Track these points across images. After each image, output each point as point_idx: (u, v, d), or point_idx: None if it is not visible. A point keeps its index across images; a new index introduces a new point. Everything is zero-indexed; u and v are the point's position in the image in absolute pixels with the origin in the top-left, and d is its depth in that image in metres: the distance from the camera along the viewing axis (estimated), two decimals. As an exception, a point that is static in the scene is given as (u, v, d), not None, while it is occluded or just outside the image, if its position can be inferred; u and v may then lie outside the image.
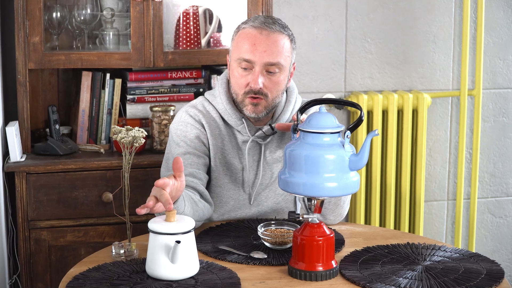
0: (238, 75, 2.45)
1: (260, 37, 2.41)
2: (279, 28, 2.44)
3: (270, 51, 2.40)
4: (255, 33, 2.42)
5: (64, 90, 3.22)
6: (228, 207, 2.53)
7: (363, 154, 2.01)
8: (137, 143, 2.17)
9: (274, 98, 2.47)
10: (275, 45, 2.41)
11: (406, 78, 3.62)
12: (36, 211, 2.88)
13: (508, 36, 3.69)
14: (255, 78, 2.42)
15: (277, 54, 2.41)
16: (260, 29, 2.42)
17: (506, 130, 3.76)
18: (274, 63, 2.41)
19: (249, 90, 2.44)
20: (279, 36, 2.43)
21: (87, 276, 2.04)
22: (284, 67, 2.45)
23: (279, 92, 2.47)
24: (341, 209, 2.46)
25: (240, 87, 2.46)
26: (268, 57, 2.40)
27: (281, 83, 2.46)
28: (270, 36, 2.42)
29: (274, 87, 2.44)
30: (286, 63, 2.45)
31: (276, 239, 2.23)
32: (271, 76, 2.43)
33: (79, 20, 3.07)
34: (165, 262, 1.99)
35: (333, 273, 2.07)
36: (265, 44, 2.40)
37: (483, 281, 2.03)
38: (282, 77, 2.46)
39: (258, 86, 2.42)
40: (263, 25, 2.43)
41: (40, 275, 2.91)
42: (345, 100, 2.20)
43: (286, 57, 2.44)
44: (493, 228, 3.83)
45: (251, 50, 2.41)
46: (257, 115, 2.47)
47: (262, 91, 2.43)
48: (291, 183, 2.04)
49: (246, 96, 2.45)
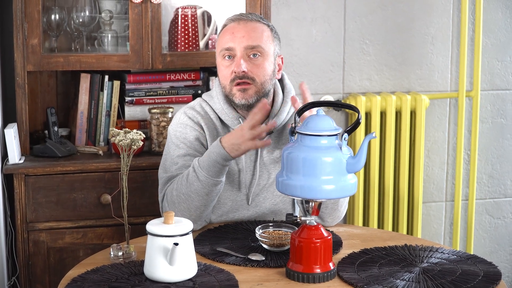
0: (223, 67, 2.50)
1: (238, 26, 2.49)
2: (256, 18, 2.51)
3: (248, 36, 2.46)
4: (234, 24, 2.50)
5: (62, 92, 3.22)
6: (226, 208, 2.54)
7: (361, 156, 2.02)
8: (135, 145, 2.18)
9: (262, 82, 2.48)
10: (254, 30, 2.48)
11: (404, 80, 3.62)
12: (35, 213, 2.88)
13: (506, 37, 3.69)
14: (237, 62, 2.46)
15: (255, 38, 2.47)
16: (238, 20, 2.50)
17: (504, 132, 3.76)
18: (254, 45, 2.46)
19: (234, 77, 2.47)
20: (257, 24, 2.50)
21: (85, 279, 2.04)
22: (266, 52, 2.48)
23: (266, 77, 2.49)
24: (338, 212, 2.47)
25: (226, 77, 2.49)
26: (247, 40, 2.46)
27: (266, 68, 2.48)
28: (248, 23, 2.49)
29: (259, 70, 2.47)
30: (268, 48, 2.49)
31: (274, 241, 2.23)
32: (253, 60, 2.47)
33: (77, 22, 3.07)
34: (163, 264, 2.00)
35: (331, 275, 2.07)
36: (244, 31, 2.47)
37: (480, 283, 2.03)
38: (267, 63, 2.48)
39: (241, 69, 2.45)
40: (240, 16, 2.52)
41: (38, 277, 2.91)
42: (342, 102, 2.21)
43: (267, 43, 2.48)
44: (491, 229, 3.84)
45: (231, 38, 2.47)
46: (247, 101, 2.48)
47: (247, 75, 2.46)
48: (289, 185, 2.04)
49: (233, 84, 2.48)
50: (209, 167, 2.35)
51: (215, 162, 2.35)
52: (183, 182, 2.39)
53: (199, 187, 2.37)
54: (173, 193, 2.40)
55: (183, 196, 2.38)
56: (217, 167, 2.36)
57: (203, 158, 2.37)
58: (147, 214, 2.91)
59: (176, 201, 2.39)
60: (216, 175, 2.37)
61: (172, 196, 2.40)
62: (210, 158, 2.35)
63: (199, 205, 2.39)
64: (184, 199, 2.38)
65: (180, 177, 2.41)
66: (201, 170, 2.36)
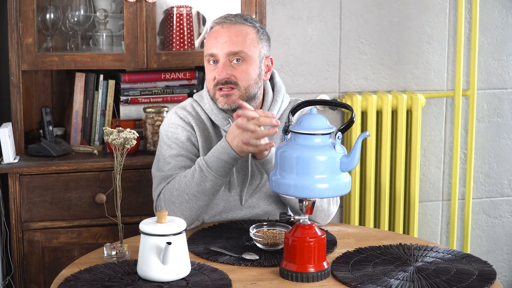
0: (208, 71, 2.50)
1: (221, 30, 2.47)
2: (241, 20, 2.49)
3: (231, 41, 2.45)
4: (217, 28, 2.49)
5: (57, 92, 3.22)
6: (218, 209, 2.53)
7: (354, 155, 2.01)
8: (128, 144, 2.17)
9: (246, 87, 2.47)
10: (236, 35, 2.46)
11: (401, 79, 3.61)
12: (29, 212, 2.88)
13: (502, 36, 3.68)
14: (219, 69, 2.46)
15: (237, 43, 2.45)
16: (222, 24, 2.49)
17: (500, 131, 3.76)
18: (236, 51, 2.45)
19: (216, 82, 2.47)
20: (240, 27, 2.47)
21: (78, 278, 2.04)
22: (250, 57, 2.47)
23: (250, 82, 2.48)
24: (322, 212, 2.45)
25: (210, 82, 2.50)
26: (229, 46, 2.44)
27: (250, 72, 2.47)
28: (231, 27, 2.47)
29: (242, 75, 2.46)
30: (252, 53, 2.47)
31: (268, 240, 2.23)
32: (236, 65, 2.46)
33: (72, 21, 3.06)
34: (156, 263, 1.99)
35: (325, 274, 2.07)
36: (226, 36, 2.46)
37: (475, 282, 2.03)
38: (251, 68, 2.47)
39: (222, 77, 2.45)
40: (224, 19, 2.50)
41: (33, 276, 2.91)
42: (336, 101, 2.20)
43: (250, 47, 2.47)
44: (488, 228, 3.83)
45: (214, 44, 2.47)
46: (230, 106, 2.48)
47: (230, 80, 2.46)
48: (282, 184, 2.04)
49: (216, 89, 2.48)
50: (219, 168, 2.35)
51: (225, 163, 2.35)
52: (187, 182, 2.37)
53: (207, 187, 2.36)
54: (174, 193, 2.39)
55: (187, 196, 2.37)
56: (227, 167, 2.36)
57: (211, 158, 2.36)
58: (142, 214, 2.90)
59: (177, 200, 2.38)
60: (225, 175, 2.38)
61: (172, 196, 2.39)
62: (219, 159, 2.35)
63: (202, 205, 2.39)
64: (188, 199, 2.37)
65: (180, 177, 2.40)
66: (210, 170, 2.35)
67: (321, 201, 2.42)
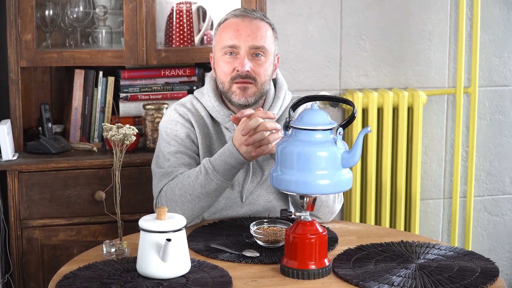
0: (224, 62, 2.45)
1: (243, 23, 2.45)
2: (260, 16, 2.48)
3: (254, 35, 2.43)
4: (238, 21, 2.46)
5: (56, 88, 3.20)
6: (219, 206, 2.51)
7: (356, 151, 2.00)
8: (127, 140, 2.16)
9: (263, 83, 2.46)
10: (259, 30, 2.44)
11: (402, 76, 3.60)
12: (28, 210, 2.86)
13: (504, 33, 3.67)
14: (242, 61, 2.43)
15: (261, 38, 2.44)
16: (242, 17, 2.46)
17: (502, 128, 3.74)
18: (259, 46, 2.43)
19: (236, 75, 2.44)
20: (261, 23, 2.46)
21: (77, 275, 2.02)
22: (269, 52, 2.46)
23: (267, 78, 2.47)
24: (327, 207, 2.43)
25: (226, 74, 2.45)
26: (253, 40, 2.42)
27: (267, 68, 2.46)
28: (252, 22, 2.45)
29: (261, 70, 2.45)
30: (270, 49, 2.47)
31: (269, 237, 2.21)
32: (257, 60, 2.44)
33: (71, 18, 3.05)
34: (156, 260, 1.98)
35: (326, 272, 2.05)
36: (249, 29, 2.43)
37: (478, 279, 2.01)
38: (268, 63, 2.46)
39: (245, 69, 2.42)
40: (244, 13, 2.47)
41: (32, 274, 2.89)
42: (337, 96, 2.19)
43: (270, 43, 2.46)
44: (490, 226, 3.82)
45: (236, 35, 2.43)
46: (246, 100, 2.45)
47: (250, 74, 2.43)
48: (283, 180, 2.02)
49: (233, 82, 2.45)
50: (225, 171, 2.33)
51: (231, 167, 2.33)
52: (191, 183, 2.35)
53: (211, 190, 2.35)
54: (176, 192, 2.37)
55: (190, 197, 2.35)
56: (234, 171, 2.34)
57: (217, 162, 2.33)
58: (141, 211, 2.88)
59: (179, 200, 2.36)
60: (231, 179, 2.36)
61: (174, 195, 2.37)
62: (227, 163, 2.32)
63: (205, 206, 2.38)
64: (190, 199, 2.35)
65: (184, 177, 2.37)
66: (216, 174, 2.33)
67: (327, 196, 2.40)
